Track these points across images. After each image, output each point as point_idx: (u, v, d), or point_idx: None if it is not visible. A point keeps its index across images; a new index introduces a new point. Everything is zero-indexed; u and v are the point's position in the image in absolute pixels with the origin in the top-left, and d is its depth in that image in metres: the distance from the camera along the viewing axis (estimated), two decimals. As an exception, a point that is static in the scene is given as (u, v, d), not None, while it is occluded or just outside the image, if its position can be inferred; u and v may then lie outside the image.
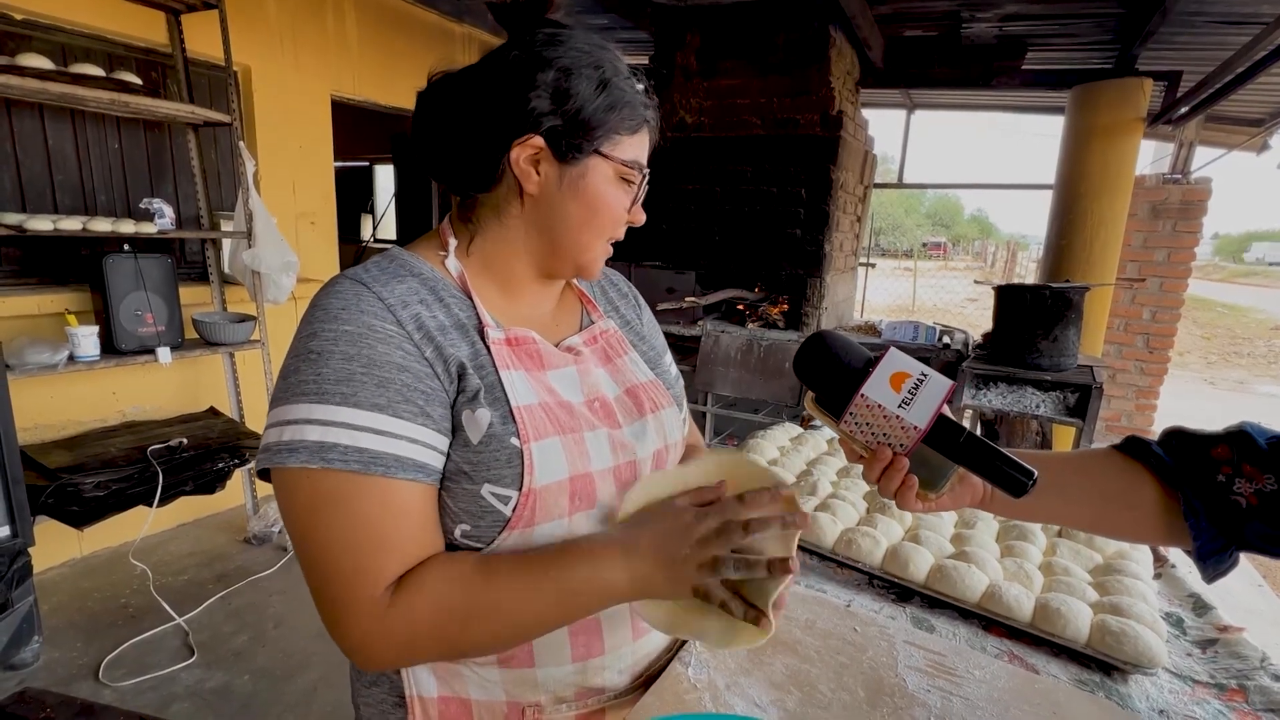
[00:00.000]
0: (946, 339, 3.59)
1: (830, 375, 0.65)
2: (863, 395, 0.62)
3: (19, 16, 2.35)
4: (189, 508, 2.95)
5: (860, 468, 0.67)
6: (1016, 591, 0.95)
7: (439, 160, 0.69)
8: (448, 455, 0.61)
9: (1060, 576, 1.04)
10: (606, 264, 0.79)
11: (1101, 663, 0.87)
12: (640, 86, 0.68)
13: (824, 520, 1.14)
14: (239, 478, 2.86)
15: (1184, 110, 3.67)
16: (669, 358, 0.88)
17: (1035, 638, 0.92)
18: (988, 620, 0.96)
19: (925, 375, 0.62)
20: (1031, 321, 2.80)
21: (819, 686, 0.74)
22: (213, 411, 2.89)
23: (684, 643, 0.80)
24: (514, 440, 0.60)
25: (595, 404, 0.70)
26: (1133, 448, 0.70)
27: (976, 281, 4.83)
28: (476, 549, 0.63)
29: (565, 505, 0.64)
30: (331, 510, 0.55)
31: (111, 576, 2.58)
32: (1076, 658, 0.89)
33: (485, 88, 0.65)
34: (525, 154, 0.64)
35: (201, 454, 2.44)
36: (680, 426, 0.79)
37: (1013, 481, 0.61)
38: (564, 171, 0.65)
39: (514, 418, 0.61)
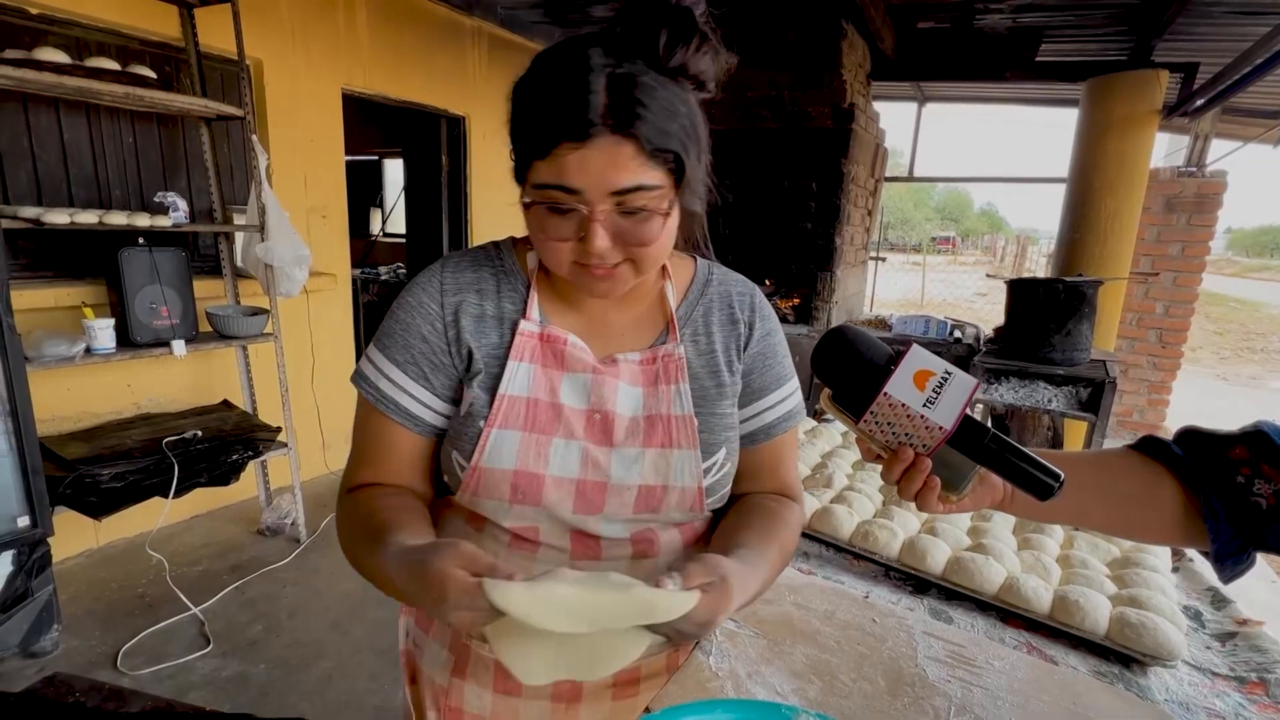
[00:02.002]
0: (958, 333, 3.57)
1: (850, 372, 0.62)
2: (886, 394, 0.59)
3: (35, 11, 2.37)
4: (203, 499, 2.98)
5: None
6: (1034, 583, 0.95)
7: None
8: (449, 418, 0.73)
9: (1078, 569, 1.04)
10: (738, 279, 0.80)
11: (1120, 655, 0.87)
12: (569, 94, 0.56)
13: (840, 512, 1.15)
14: (252, 470, 2.89)
15: (1200, 102, 3.62)
16: (733, 405, 0.76)
17: (1053, 630, 0.92)
18: (1005, 612, 0.96)
19: (949, 373, 0.59)
20: (1044, 315, 2.79)
21: (840, 676, 0.74)
22: (226, 404, 2.91)
23: None
24: (481, 422, 0.68)
25: (595, 415, 0.69)
26: (1151, 447, 0.68)
27: (989, 275, 4.80)
28: (451, 493, 0.75)
29: (506, 492, 0.68)
30: (359, 422, 0.75)
31: (128, 567, 2.61)
32: (1095, 650, 0.89)
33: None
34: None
35: (216, 446, 2.47)
36: (695, 474, 0.71)
37: (1039, 484, 0.58)
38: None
39: (492, 403, 0.68)
